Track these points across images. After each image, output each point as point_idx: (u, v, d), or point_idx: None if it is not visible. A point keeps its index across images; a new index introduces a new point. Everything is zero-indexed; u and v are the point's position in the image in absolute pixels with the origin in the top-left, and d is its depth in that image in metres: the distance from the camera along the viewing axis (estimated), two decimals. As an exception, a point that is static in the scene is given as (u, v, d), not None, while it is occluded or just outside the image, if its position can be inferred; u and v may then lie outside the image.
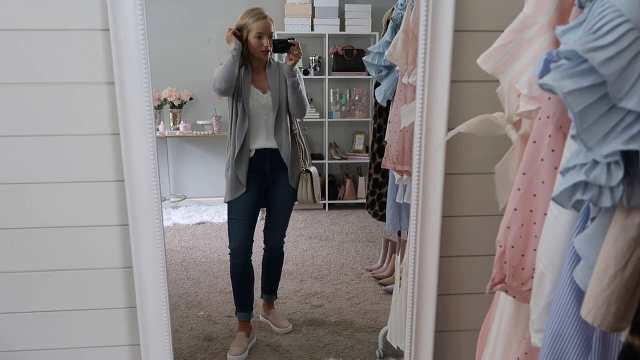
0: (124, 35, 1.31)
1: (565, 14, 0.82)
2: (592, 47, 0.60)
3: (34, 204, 1.42)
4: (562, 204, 0.71)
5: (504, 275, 0.93)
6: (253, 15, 2.05)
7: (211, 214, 3.45)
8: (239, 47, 2.02)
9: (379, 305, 2.45)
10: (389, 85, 1.91)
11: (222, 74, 2.02)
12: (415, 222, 1.48)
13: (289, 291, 2.59)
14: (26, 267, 1.46)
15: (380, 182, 2.22)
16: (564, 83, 0.62)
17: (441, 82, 1.39)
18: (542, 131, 0.83)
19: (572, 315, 0.75)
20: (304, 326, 2.30)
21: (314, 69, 3.86)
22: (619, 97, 0.60)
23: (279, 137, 2.12)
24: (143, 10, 1.31)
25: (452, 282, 1.57)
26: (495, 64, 0.89)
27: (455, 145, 1.46)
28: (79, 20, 1.34)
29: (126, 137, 1.37)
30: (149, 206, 1.41)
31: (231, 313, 2.31)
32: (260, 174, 2.15)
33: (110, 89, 1.37)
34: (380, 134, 2.13)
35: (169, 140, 3.48)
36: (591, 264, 0.69)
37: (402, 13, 1.77)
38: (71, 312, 1.50)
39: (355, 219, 3.63)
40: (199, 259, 2.92)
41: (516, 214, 0.89)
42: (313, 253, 3.05)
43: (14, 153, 1.39)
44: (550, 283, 0.81)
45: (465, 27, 1.40)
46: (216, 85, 2.05)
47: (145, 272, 1.45)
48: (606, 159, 0.62)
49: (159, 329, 1.49)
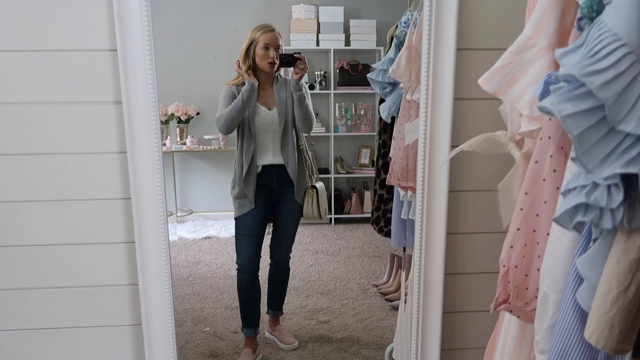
0: (132, 56, 1.33)
1: (565, 35, 0.83)
2: (590, 71, 0.61)
3: (41, 221, 1.44)
4: (563, 225, 0.71)
5: (507, 295, 0.93)
6: (261, 28, 2.10)
7: (217, 228, 3.46)
8: (253, 89, 2.02)
9: (385, 321, 2.43)
10: (393, 102, 1.92)
11: (228, 117, 2.04)
12: (420, 239, 1.47)
13: (294, 307, 2.58)
14: (32, 284, 1.47)
15: (385, 198, 2.22)
16: (562, 107, 0.63)
17: (444, 99, 1.39)
18: (543, 151, 0.84)
19: (576, 337, 0.75)
20: (310, 342, 2.28)
21: (319, 84, 3.89)
22: (618, 120, 0.60)
23: (285, 153, 2.14)
24: (150, 32, 1.33)
25: (458, 300, 1.56)
26: (496, 85, 0.90)
27: (459, 162, 1.47)
28: (88, 42, 1.36)
29: (133, 155, 1.38)
30: (155, 224, 1.42)
31: (237, 329, 2.30)
32: (267, 190, 2.16)
33: (118, 108, 1.39)
34: (385, 150, 2.14)
35: (175, 155, 3.50)
36: (594, 286, 0.69)
37: (405, 31, 1.78)
38: (77, 329, 1.51)
39: (362, 234, 3.62)
40: (205, 274, 2.92)
41: (519, 233, 0.90)
42: (319, 268, 3.04)
43: (22, 171, 1.41)
44: (554, 304, 0.81)
45: (467, 46, 1.42)
46: (220, 126, 2.06)
47: (151, 289, 1.46)
48: (606, 182, 0.63)
49: (165, 345, 1.49)
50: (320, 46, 3.89)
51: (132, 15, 1.31)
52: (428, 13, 1.36)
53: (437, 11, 1.36)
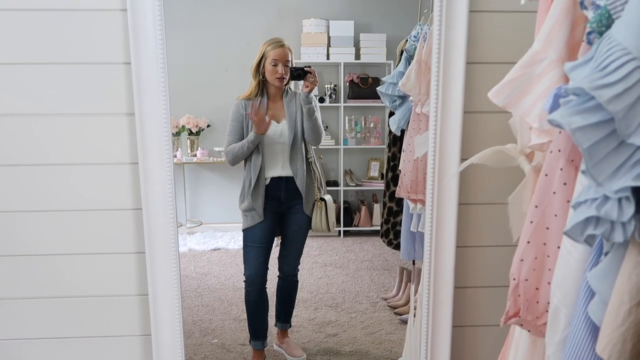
0: (145, 69, 1.36)
1: (574, 49, 0.84)
2: (600, 84, 0.61)
3: (53, 231, 1.46)
4: (574, 238, 0.71)
5: (518, 309, 0.92)
6: (271, 43, 2.12)
7: (226, 240, 3.46)
8: (258, 138, 2.08)
9: (394, 335, 2.41)
10: (403, 115, 1.93)
11: (235, 155, 2.11)
12: (430, 252, 1.47)
13: (303, 319, 2.57)
14: (43, 294, 1.49)
15: (394, 211, 2.22)
16: (572, 120, 0.63)
17: (454, 112, 1.40)
18: (553, 164, 0.84)
19: (587, 351, 0.74)
20: (318, 355, 2.27)
21: (329, 97, 3.91)
22: (628, 134, 0.60)
23: (294, 165, 2.15)
24: (164, 44, 1.35)
25: (467, 314, 1.55)
26: (505, 98, 0.90)
27: (469, 175, 1.47)
28: (103, 54, 1.39)
29: (145, 166, 1.40)
30: (166, 234, 1.44)
31: (245, 341, 2.29)
32: (275, 202, 2.17)
33: (130, 119, 1.41)
34: (394, 163, 2.14)
35: (186, 167, 3.53)
36: (605, 300, 0.69)
37: (415, 44, 1.80)
38: (86, 338, 1.52)
39: (370, 247, 3.60)
40: (214, 286, 2.92)
41: (529, 246, 0.89)
42: (328, 281, 3.03)
43: (35, 182, 1.43)
44: (565, 318, 0.80)
45: (477, 60, 1.42)
46: (228, 160, 2.16)
47: (161, 299, 1.46)
48: (617, 195, 0.62)
49: (174, 356, 1.50)
50: (331, 60, 3.91)
51: (146, 28, 1.34)
52: (438, 27, 1.37)
53: (446, 25, 1.37)
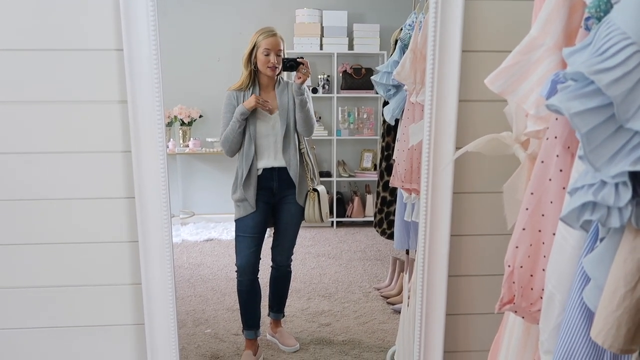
0: (138, 55, 1.34)
1: (572, 35, 0.83)
2: (599, 69, 0.61)
3: (45, 220, 1.44)
4: (570, 224, 0.71)
5: (512, 296, 0.93)
6: (263, 32, 2.10)
7: (219, 230, 3.46)
8: (244, 113, 2.07)
9: (387, 324, 2.42)
10: (397, 104, 1.92)
11: (227, 138, 2.09)
12: (424, 241, 1.47)
13: (296, 309, 2.58)
14: (34, 283, 1.47)
15: (388, 201, 2.22)
16: (570, 104, 0.63)
17: (449, 101, 1.40)
18: (549, 151, 0.84)
19: (582, 337, 0.74)
20: (311, 345, 2.28)
21: (322, 88, 3.90)
22: (626, 119, 0.60)
23: (287, 156, 2.14)
24: (156, 31, 1.33)
25: (461, 302, 1.56)
26: (502, 85, 0.90)
27: (464, 164, 1.47)
28: (95, 41, 1.37)
29: (138, 154, 1.38)
30: (159, 223, 1.42)
31: (238, 331, 2.30)
32: (268, 192, 2.16)
33: (123, 107, 1.39)
34: (388, 152, 2.14)
35: (178, 157, 3.51)
36: (600, 285, 0.69)
37: (410, 33, 1.79)
38: (79, 328, 1.51)
39: (363, 237, 3.61)
40: (207, 276, 2.91)
41: (524, 233, 0.89)
42: (320, 271, 3.04)
43: (28, 170, 1.41)
44: (560, 304, 0.80)
45: (472, 48, 1.42)
46: (225, 150, 2.14)
47: (154, 288, 1.46)
48: (614, 180, 0.62)
49: (167, 346, 1.49)
50: (324, 50, 3.90)
51: (139, 14, 1.32)
52: (433, 15, 1.36)
53: (442, 13, 1.36)
